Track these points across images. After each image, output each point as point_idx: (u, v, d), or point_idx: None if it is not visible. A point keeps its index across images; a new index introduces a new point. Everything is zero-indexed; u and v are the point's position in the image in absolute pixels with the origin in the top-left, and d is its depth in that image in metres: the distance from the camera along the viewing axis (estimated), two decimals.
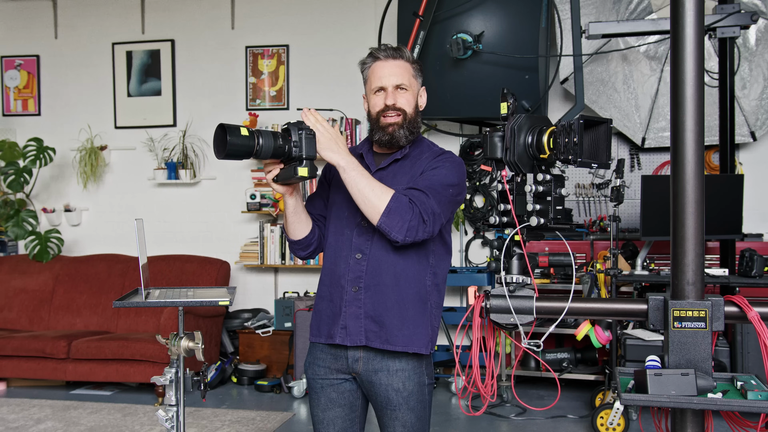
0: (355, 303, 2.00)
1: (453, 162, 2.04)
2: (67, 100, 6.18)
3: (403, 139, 2.04)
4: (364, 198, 1.89)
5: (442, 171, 1.99)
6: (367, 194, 1.88)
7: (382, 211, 1.87)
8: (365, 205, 1.89)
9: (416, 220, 1.89)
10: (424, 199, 1.91)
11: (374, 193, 1.88)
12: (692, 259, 1.47)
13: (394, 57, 2.05)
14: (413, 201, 1.89)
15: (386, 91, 2.03)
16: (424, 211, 1.89)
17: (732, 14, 4.28)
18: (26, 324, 5.53)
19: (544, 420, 4.24)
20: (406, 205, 1.88)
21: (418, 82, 2.09)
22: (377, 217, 1.88)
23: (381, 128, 2.05)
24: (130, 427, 4.14)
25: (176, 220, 5.97)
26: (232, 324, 5.51)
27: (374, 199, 1.88)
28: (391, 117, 2.03)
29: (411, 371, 2.01)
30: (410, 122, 2.04)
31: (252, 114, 5.64)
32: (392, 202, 1.87)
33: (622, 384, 1.56)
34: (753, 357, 4.14)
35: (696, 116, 1.46)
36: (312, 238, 2.11)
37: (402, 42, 4.79)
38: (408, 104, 2.04)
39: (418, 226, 1.89)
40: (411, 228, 1.89)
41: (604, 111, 5.05)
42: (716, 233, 4.32)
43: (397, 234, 1.89)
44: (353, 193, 1.90)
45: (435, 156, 2.06)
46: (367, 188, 1.88)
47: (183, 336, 2.56)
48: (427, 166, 2.02)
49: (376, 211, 1.88)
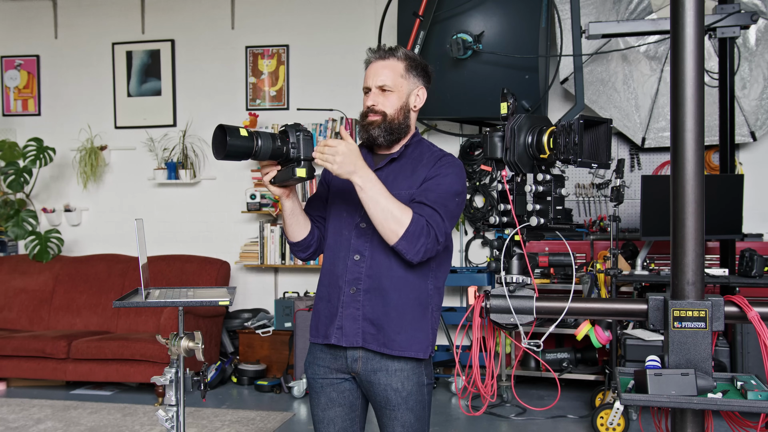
0: (353, 304, 1.99)
1: (455, 167, 2.04)
2: (67, 100, 6.18)
3: (380, 138, 2.04)
4: (383, 220, 1.88)
5: (447, 180, 1.99)
6: (385, 217, 1.88)
7: (401, 235, 1.88)
8: (383, 227, 1.89)
9: (432, 243, 1.92)
10: (438, 220, 1.93)
11: (393, 215, 1.88)
12: (692, 259, 1.47)
13: (383, 57, 2.05)
14: (430, 224, 1.91)
15: (370, 91, 2.05)
16: (439, 233, 1.92)
17: (732, 14, 4.28)
18: (26, 324, 5.53)
19: (544, 420, 4.24)
20: (423, 228, 1.89)
21: (411, 81, 2.06)
22: (395, 239, 1.89)
23: (362, 127, 2.07)
24: (130, 427, 4.14)
25: (176, 220, 5.97)
26: (232, 324, 5.51)
27: (392, 223, 1.88)
28: (369, 117, 2.05)
29: (410, 371, 2.01)
30: (390, 123, 2.03)
31: (252, 114, 5.64)
32: (411, 226, 1.88)
33: (622, 384, 1.56)
34: (753, 357, 4.14)
35: (696, 116, 1.46)
36: (311, 240, 2.11)
37: (402, 42, 4.79)
38: (390, 106, 2.03)
39: (433, 248, 1.93)
40: (427, 251, 1.92)
41: (604, 111, 5.05)
42: (716, 233, 4.32)
43: (413, 256, 1.91)
44: (371, 213, 1.90)
45: (436, 160, 2.05)
46: (386, 211, 1.88)
47: (183, 336, 2.56)
48: (429, 173, 2.01)
49: (395, 234, 1.89)
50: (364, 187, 1.87)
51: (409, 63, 2.07)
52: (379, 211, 1.88)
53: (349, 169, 1.86)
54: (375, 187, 1.88)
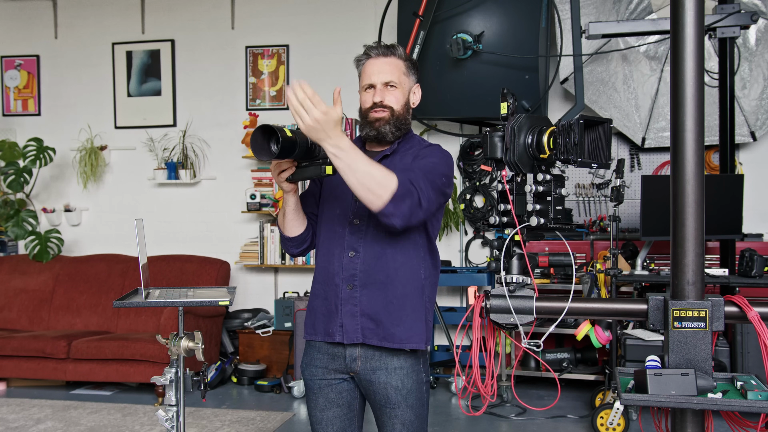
0: (351, 301, 2.00)
1: (443, 153, 2.06)
2: (67, 100, 6.18)
3: (389, 134, 2.05)
4: (366, 185, 1.78)
5: (434, 160, 2.01)
6: (367, 181, 1.78)
7: (387, 198, 1.79)
8: (367, 192, 1.79)
9: (416, 206, 1.85)
10: (423, 184, 1.87)
11: (375, 179, 1.78)
12: (692, 259, 1.47)
13: (385, 54, 2.06)
14: (413, 185, 1.84)
15: (375, 88, 2.05)
16: (422, 197, 1.86)
17: (732, 14, 4.28)
18: (26, 324, 5.53)
19: (544, 420, 4.24)
20: (408, 189, 1.83)
21: (411, 79, 2.10)
22: (380, 203, 1.79)
23: (368, 123, 2.06)
24: (130, 427, 4.14)
25: (176, 220, 5.97)
26: (232, 324, 5.51)
27: (376, 187, 1.78)
28: (377, 112, 2.05)
29: (409, 368, 2.02)
30: (397, 119, 2.05)
31: (252, 114, 5.64)
32: (398, 188, 1.80)
33: (622, 384, 1.56)
34: (753, 357, 4.14)
35: (696, 116, 1.46)
36: (307, 236, 2.12)
37: (402, 42, 4.79)
38: (396, 102, 2.05)
39: (417, 211, 1.86)
40: (413, 214, 1.85)
41: (604, 111, 5.05)
42: (716, 233, 4.32)
43: (398, 220, 1.83)
44: (350, 181, 1.78)
45: (423, 147, 2.08)
46: (368, 175, 1.78)
47: (183, 336, 2.56)
48: (417, 156, 2.03)
49: (379, 198, 1.79)
50: (338, 155, 1.76)
51: (409, 62, 2.11)
52: (360, 177, 1.77)
53: (321, 136, 1.75)
54: (351, 154, 1.77)
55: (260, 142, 1.83)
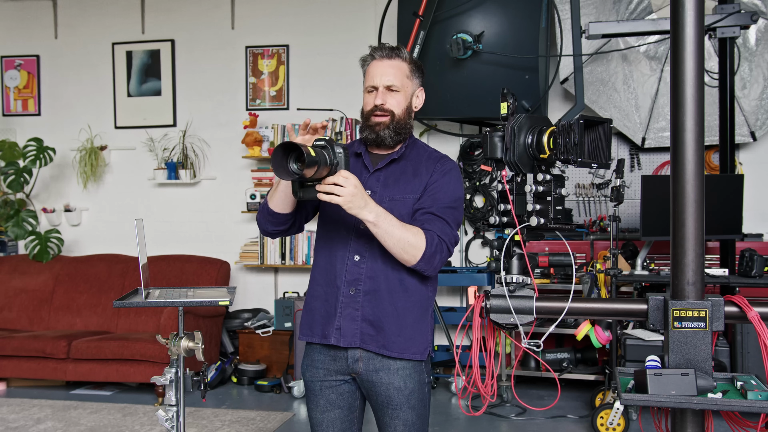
0: (352, 305, 1.99)
1: (455, 170, 2.08)
2: (67, 100, 6.18)
3: (388, 139, 2.04)
4: (400, 250, 1.92)
5: (449, 186, 2.03)
6: (402, 246, 1.91)
7: (419, 258, 1.92)
8: (401, 255, 1.93)
9: (445, 255, 1.98)
10: (448, 231, 1.97)
11: (409, 243, 1.91)
12: (692, 259, 1.47)
13: (389, 57, 2.05)
14: (441, 239, 1.95)
15: (377, 90, 2.04)
16: (450, 244, 1.98)
17: (732, 14, 4.28)
18: (26, 324, 5.53)
19: (544, 420, 4.24)
20: (437, 245, 1.94)
21: (414, 83, 2.09)
22: (413, 262, 1.93)
23: (368, 127, 2.06)
24: (130, 427, 4.14)
25: (176, 220, 5.97)
26: (232, 324, 5.51)
27: (410, 249, 1.91)
28: (378, 117, 2.03)
29: (411, 369, 2.02)
30: (397, 123, 2.04)
31: (252, 114, 5.64)
32: (427, 249, 1.92)
33: (622, 384, 1.56)
34: (753, 357, 4.13)
35: (696, 116, 1.46)
36: (289, 219, 2.05)
37: (402, 42, 4.79)
38: (397, 105, 2.04)
39: (446, 258, 1.99)
40: (441, 262, 1.98)
41: (604, 111, 5.05)
42: (716, 233, 4.32)
43: (431, 272, 1.98)
44: (387, 245, 1.92)
45: (435, 162, 2.06)
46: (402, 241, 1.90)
47: (183, 336, 2.56)
48: (432, 178, 2.03)
49: (414, 258, 1.93)
50: (376, 223, 1.88)
51: (413, 65, 2.09)
52: (395, 242, 1.90)
53: (360, 204, 1.84)
54: (386, 220, 1.89)
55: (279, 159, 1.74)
